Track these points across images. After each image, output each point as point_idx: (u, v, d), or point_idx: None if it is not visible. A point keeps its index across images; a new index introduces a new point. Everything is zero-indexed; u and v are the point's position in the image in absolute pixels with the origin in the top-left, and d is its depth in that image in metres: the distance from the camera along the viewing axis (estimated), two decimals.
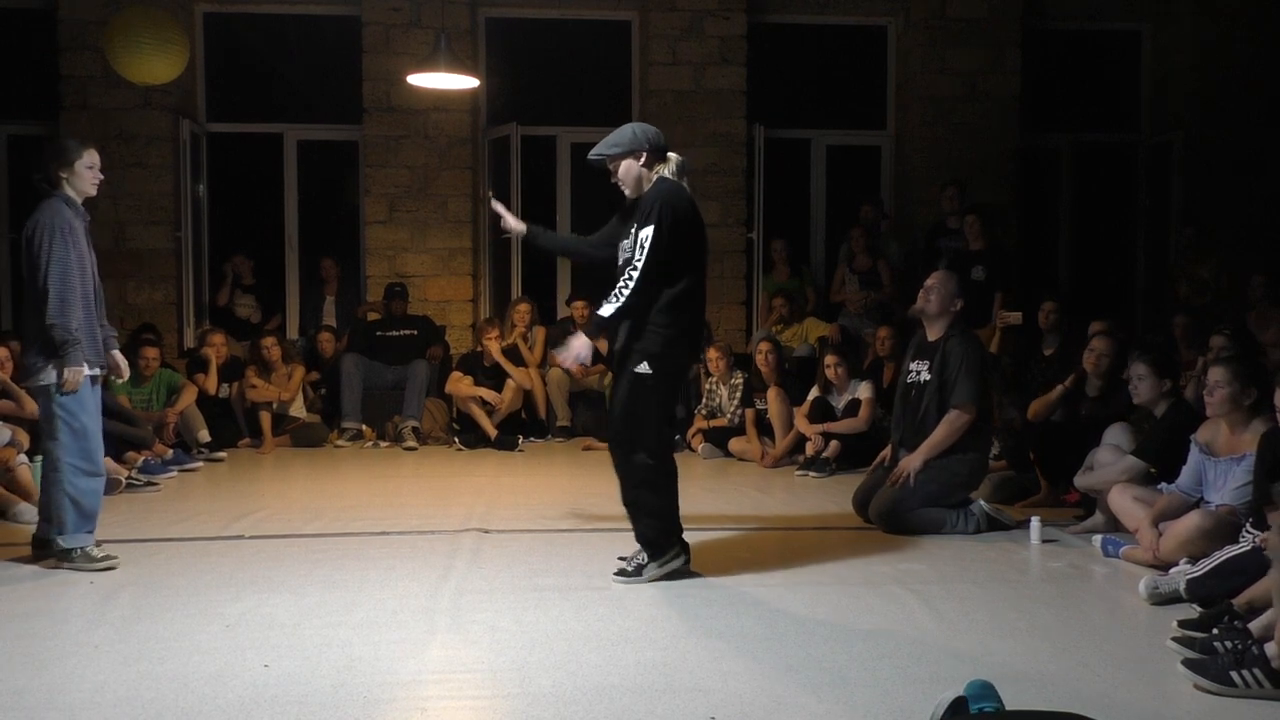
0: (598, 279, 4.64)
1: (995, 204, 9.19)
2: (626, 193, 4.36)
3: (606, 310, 4.14)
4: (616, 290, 4.14)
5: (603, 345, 4.63)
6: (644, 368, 4.18)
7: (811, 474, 6.94)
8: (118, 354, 4.80)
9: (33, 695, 3.10)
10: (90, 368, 4.52)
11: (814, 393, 7.44)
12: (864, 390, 7.24)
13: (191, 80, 9.36)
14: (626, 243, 4.29)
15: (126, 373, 4.97)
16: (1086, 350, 5.95)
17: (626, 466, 4.29)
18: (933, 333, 5.41)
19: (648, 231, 4.12)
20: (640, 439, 4.26)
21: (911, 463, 5.25)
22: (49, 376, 4.43)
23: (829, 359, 7.40)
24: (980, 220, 8.31)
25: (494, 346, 8.39)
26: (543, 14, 9.78)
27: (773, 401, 7.52)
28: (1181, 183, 9.67)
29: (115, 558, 4.53)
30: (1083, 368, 5.95)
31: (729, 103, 9.49)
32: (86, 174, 4.59)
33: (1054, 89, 10.01)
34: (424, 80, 8.32)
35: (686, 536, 4.45)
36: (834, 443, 7.10)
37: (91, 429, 4.55)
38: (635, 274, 4.12)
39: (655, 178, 4.29)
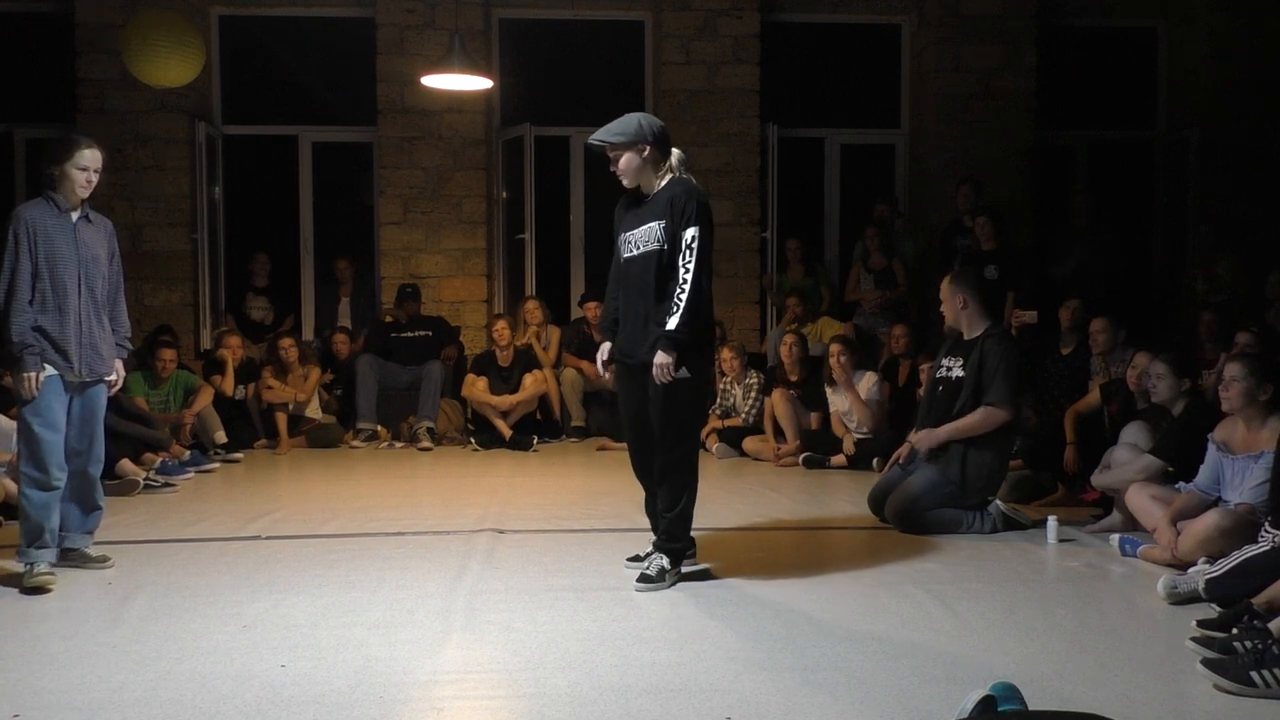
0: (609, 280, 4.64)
1: (1010, 202, 9.15)
2: (625, 182, 4.34)
3: (673, 323, 4.09)
4: (674, 300, 4.10)
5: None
6: (683, 372, 4.18)
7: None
8: (119, 364, 4.62)
9: (51, 695, 3.12)
10: (62, 371, 4.33)
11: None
12: (867, 383, 7.25)
13: (207, 83, 9.40)
14: (636, 234, 4.27)
15: (120, 385, 4.70)
16: (1129, 368, 5.78)
17: (667, 471, 4.26)
18: (970, 331, 5.40)
19: (692, 232, 4.11)
20: (685, 442, 4.27)
21: (933, 435, 5.24)
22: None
23: (834, 348, 7.39)
24: (991, 221, 8.28)
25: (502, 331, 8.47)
26: (556, 15, 9.79)
27: (778, 403, 7.52)
28: (1198, 179, 9.61)
29: (53, 579, 4.26)
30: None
31: (742, 102, 9.48)
32: (76, 175, 4.34)
33: (1069, 86, 9.96)
34: (438, 81, 8.34)
35: (702, 536, 4.44)
36: (849, 436, 7.14)
37: (49, 440, 4.31)
38: (688, 275, 4.09)
39: (666, 174, 4.27)
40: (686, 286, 4.09)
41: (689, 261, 4.11)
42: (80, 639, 3.64)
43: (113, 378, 4.59)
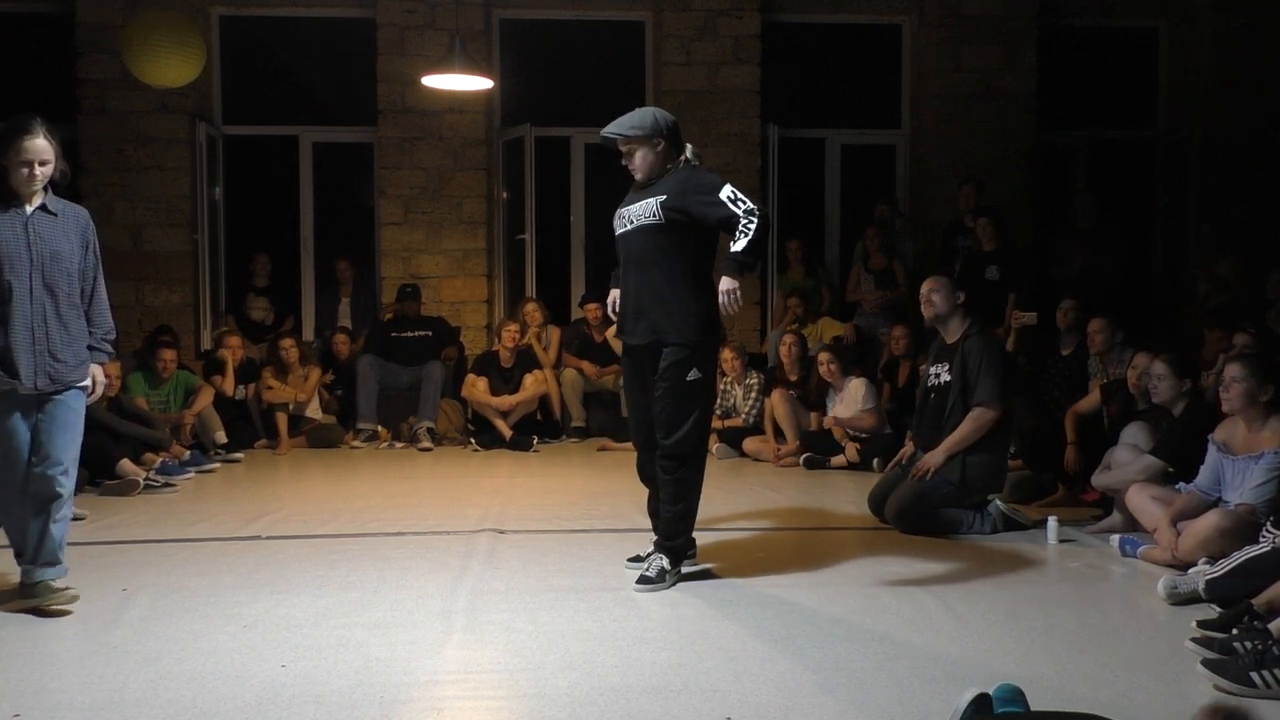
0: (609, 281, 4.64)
1: (1011, 202, 9.15)
2: (638, 177, 4.34)
3: (738, 245, 4.02)
4: (741, 229, 4.01)
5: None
6: (694, 374, 4.17)
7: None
8: (96, 369, 4.09)
9: (52, 695, 3.12)
10: (12, 386, 3.84)
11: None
12: (856, 389, 7.23)
13: (207, 83, 9.40)
14: (633, 210, 4.25)
15: (99, 391, 4.17)
16: (1129, 368, 5.78)
17: (674, 472, 4.24)
18: (950, 335, 5.40)
19: (727, 189, 4.08)
20: (695, 443, 4.26)
21: (933, 458, 5.24)
22: None
23: (822, 356, 7.41)
24: (992, 222, 8.29)
25: (506, 349, 8.44)
26: (556, 15, 9.79)
27: (778, 403, 7.52)
28: (1199, 180, 9.61)
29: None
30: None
31: (743, 102, 9.48)
32: (18, 172, 3.81)
33: (1070, 86, 9.96)
34: (438, 82, 8.34)
35: (702, 536, 4.45)
36: (851, 444, 7.13)
37: (4, 461, 3.90)
38: (751, 208, 4.03)
39: (681, 162, 4.28)
40: (755, 217, 4.01)
41: (742, 200, 4.05)
42: (81, 639, 3.64)
43: (87, 383, 4.05)
